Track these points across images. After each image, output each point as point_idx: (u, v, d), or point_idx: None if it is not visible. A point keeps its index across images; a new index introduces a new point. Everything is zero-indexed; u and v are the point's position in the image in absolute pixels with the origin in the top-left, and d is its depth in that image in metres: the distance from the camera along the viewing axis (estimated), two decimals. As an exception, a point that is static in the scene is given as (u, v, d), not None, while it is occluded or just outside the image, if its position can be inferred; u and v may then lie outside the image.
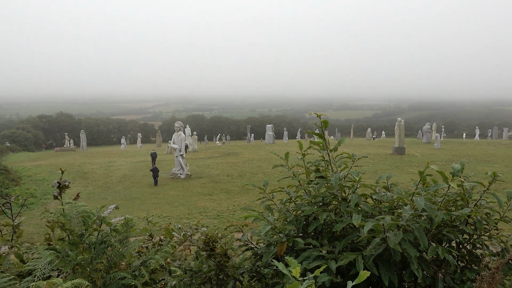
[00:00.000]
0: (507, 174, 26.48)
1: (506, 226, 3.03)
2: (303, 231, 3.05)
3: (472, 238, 2.94)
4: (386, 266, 2.45)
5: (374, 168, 29.47)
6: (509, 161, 31.85)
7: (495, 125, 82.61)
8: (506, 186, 22.70)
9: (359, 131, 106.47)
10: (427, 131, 54.51)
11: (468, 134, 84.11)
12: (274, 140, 60.79)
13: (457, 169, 2.65)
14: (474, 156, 35.77)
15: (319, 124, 2.88)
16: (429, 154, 37.31)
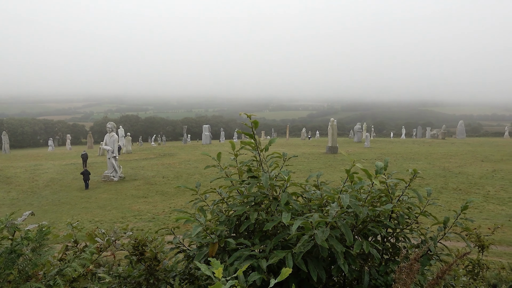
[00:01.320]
0: (429, 170, 28.38)
1: (426, 219, 3.23)
2: (235, 231, 3.05)
3: (395, 231, 3.10)
4: (314, 262, 2.51)
5: (309, 167, 30.31)
6: (431, 159, 34.14)
7: (419, 124, 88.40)
8: (429, 182, 24.34)
9: (294, 131, 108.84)
10: (358, 131, 56.98)
11: (395, 133, 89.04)
12: (211, 141, 60.54)
13: (380, 167, 2.79)
14: (401, 154, 37.93)
15: (250, 124, 2.89)
16: (359, 153, 39.02)
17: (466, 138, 66.73)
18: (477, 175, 26.37)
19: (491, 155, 35.68)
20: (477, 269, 3.43)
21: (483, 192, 21.77)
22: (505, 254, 12.96)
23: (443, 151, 40.10)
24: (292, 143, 58.83)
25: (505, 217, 17.03)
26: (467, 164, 31.06)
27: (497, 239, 14.25)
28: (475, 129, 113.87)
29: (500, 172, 27.23)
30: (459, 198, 20.48)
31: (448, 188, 22.86)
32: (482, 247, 3.64)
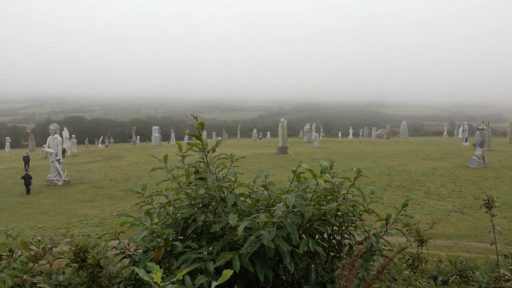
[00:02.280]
0: (375, 169, 29.44)
1: (369, 217, 3.34)
2: (182, 234, 3.01)
3: (340, 229, 3.18)
4: (262, 262, 2.53)
5: (260, 168, 30.51)
6: (377, 158, 35.43)
7: (366, 125, 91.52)
8: (375, 180, 25.23)
9: (245, 131, 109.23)
10: (307, 131, 58.11)
11: (343, 133, 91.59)
12: (161, 142, 59.48)
13: (325, 166, 2.85)
14: (348, 153, 39.09)
15: (196, 125, 2.86)
16: (309, 153, 39.79)
17: (408, 137, 69.92)
18: (419, 172, 27.68)
19: (431, 153, 37.59)
20: (417, 262, 3.60)
21: (424, 189, 22.87)
22: (445, 247, 13.69)
23: (387, 150, 41.75)
24: (243, 143, 59.00)
25: (444, 212, 17.98)
26: (410, 162, 32.52)
27: (437, 233, 15.04)
28: (417, 129, 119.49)
29: (440, 169, 28.74)
30: (402, 195, 21.39)
31: (392, 186, 23.81)
32: (421, 241, 3.82)
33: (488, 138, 38.12)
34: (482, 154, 29.48)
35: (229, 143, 60.32)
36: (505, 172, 26.95)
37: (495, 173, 26.74)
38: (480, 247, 13.25)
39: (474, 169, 28.18)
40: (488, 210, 3.16)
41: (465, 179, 25.16)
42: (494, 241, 3.13)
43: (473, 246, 13.52)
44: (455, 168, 29.26)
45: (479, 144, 29.31)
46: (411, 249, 3.97)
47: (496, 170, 27.74)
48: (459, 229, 15.50)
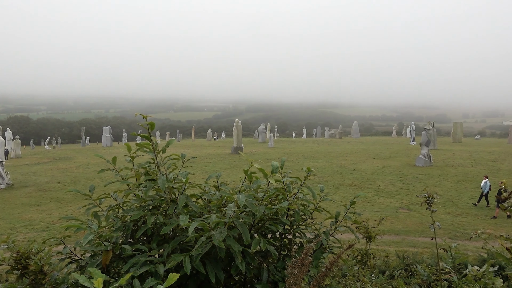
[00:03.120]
0: (328, 168, 30.11)
1: (319, 215, 3.40)
2: (132, 237, 2.93)
3: (292, 228, 3.21)
4: (213, 263, 2.51)
5: (214, 168, 30.38)
6: (329, 157, 36.24)
7: (319, 125, 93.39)
8: (328, 179, 25.78)
9: (200, 132, 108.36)
10: (262, 131, 58.50)
11: (297, 133, 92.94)
12: (112, 143, 57.84)
13: (276, 166, 2.87)
14: (302, 153, 39.72)
15: (146, 126, 2.80)
16: (264, 153, 40.05)
17: (360, 137, 72.05)
18: (370, 171, 28.59)
19: (381, 152, 38.92)
20: (365, 258, 3.71)
21: (374, 187, 23.65)
22: (393, 242, 14.22)
23: (340, 149, 42.81)
24: (198, 144, 58.52)
25: (393, 209, 18.67)
26: (361, 161, 33.51)
27: (386, 229, 15.60)
28: (367, 129, 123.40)
29: (389, 168, 29.83)
30: (354, 193, 21.98)
31: (344, 184, 24.44)
32: (369, 238, 3.94)
33: (434, 138, 39.98)
34: (428, 153, 30.88)
35: (183, 144, 59.64)
36: (449, 170, 28.39)
37: (439, 171, 28.09)
38: (426, 242, 13.87)
39: (421, 167, 29.47)
40: (428, 206, 3.31)
41: (412, 177, 26.25)
42: (434, 236, 3.28)
43: (420, 241, 14.14)
44: (403, 166, 30.46)
45: (425, 144, 30.68)
46: (360, 245, 4.08)
47: (440, 168, 29.15)
48: (406, 225, 16.15)
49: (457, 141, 53.46)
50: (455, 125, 56.46)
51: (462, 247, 12.07)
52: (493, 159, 33.70)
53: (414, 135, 53.63)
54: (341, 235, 3.54)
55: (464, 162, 32.25)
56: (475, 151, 39.65)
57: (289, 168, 3.28)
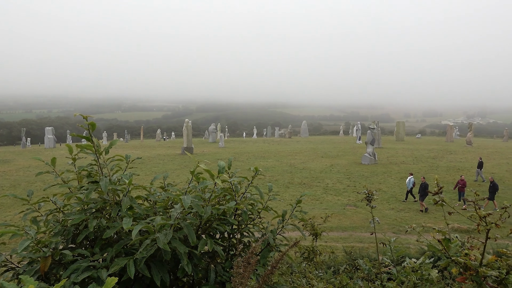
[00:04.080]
0: (278, 167, 30.47)
1: (268, 214, 3.43)
2: (73, 242, 2.82)
3: (240, 228, 3.22)
4: (159, 266, 2.47)
5: (164, 169, 29.88)
6: (279, 156, 36.68)
7: (269, 125, 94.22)
8: (278, 178, 26.07)
9: (149, 132, 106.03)
10: (212, 131, 58.24)
11: (248, 133, 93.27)
12: (56, 144, 55.35)
13: (222, 166, 2.87)
14: (253, 152, 39.93)
15: (86, 126, 2.70)
16: (214, 153, 39.88)
17: (309, 136, 73.53)
18: (318, 169, 29.24)
19: (329, 151, 39.91)
20: (312, 255, 3.79)
21: (323, 185, 24.21)
22: (341, 238, 14.63)
23: (289, 149, 43.46)
24: (147, 145, 57.28)
25: (341, 206, 19.20)
26: (310, 160, 34.21)
27: (334, 226, 16.02)
28: (316, 128, 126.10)
29: (337, 166, 30.66)
30: (303, 191, 22.34)
31: (294, 183, 24.84)
32: (316, 235, 4.03)
33: (378, 137, 41.56)
34: (373, 151, 32.05)
35: (131, 144, 58.16)
36: (393, 168, 29.61)
37: (384, 168, 29.24)
38: (372, 237, 14.38)
39: (366, 165, 30.53)
40: (368, 203, 3.44)
41: (359, 174, 27.14)
42: (374, 231, 3.41)
43: (366, 237, 14.65)
44: (350, 164, 31.43)
45: (370, 142, 31.81)
46: (308, 242, 4.17)
47: (384, 166, 30.35)
48: (353, 221, 16.67)
49: (400, 140, 55.87)
50: (398, 125, 58.99)
51: (406, 241, 12.63)
52: (433, 156, 35.53)
53: (360, 134, 55.48)
54: (289, 233, 3.59)
55: (406, 159, 33.78)
56: (416, 149, 41.63)
57: (240, 168, 3.29)
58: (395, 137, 58.36)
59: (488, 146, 48.16)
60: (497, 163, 31.95)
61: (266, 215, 3.46)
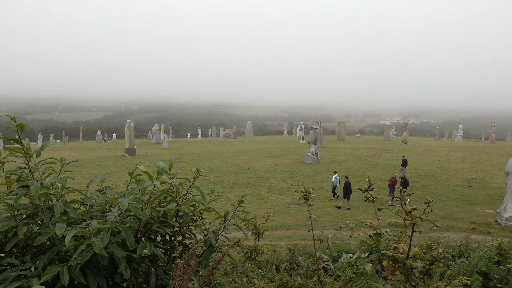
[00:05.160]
0: (223, 167, 30.43)
1: (210, 215, 3.42)
2: (1, 250, 2.66)
3: (182, 229, 3.19)
4: (95, 272, 2.38)
5: (105, 171, 28.91)
6: (224, 157, 36.65)
7: (214, 125, 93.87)
8: (223, 179, 26.03)
9: (89, 133, 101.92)
10: (156, 132, 57.08)
11: (192, 133, 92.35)
12: (-15, 147, 51.83)
13: (162, 167, 2.83)
14: (197, 153, 39.59)
15: (15, 127, 2.56)
16: (158, 154, 39.11)
17: (253, 136, 74.09)
18: (263, 169, 29.55)
19: (273, 151, 40.45)
20: (254, 254, 3.82)
21: (267, 184, 24.50)
22: (285, 237, 14.87)
23: (234, 149, 43.55)
24: (86, 146, 55.07)
25: (285, 205, 19.52)
26: (255, 160, 34.49)
27: (278, 225, 16.26)
28: (261, 129, 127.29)
29: (281, 166, 31.14)
30: (248, 191, 22.52)
31: (239, 183, 24.92)
32: (258, 234, 4.07)
33: (320, 136, 42.69)
34: (316, 150, 32.88)
35: (69, 146, 55.66)
36: (334, 166, 30.54)
37: (326, 167, 30.08)
38: (315, 235, 14.73)
39: (309, 164, 31.27)
40: (305, 201, 3.53)
41: (302, 173, 27.73)
42: (311, 228, 3.51)
43: (309, 234, 14.98)
44: (294, 164, 32.04)
45: (312, 142, 32.61)
46: (251, 242, 4.21)
47: (327, 165, 31.24)
48: (297, 220, 17.01)
49: (341, 139, 57.76)
50: (339, 124, 60.97)
51: (347, 237, 13.07)
52: (372, 154, 37.07)
53: (303, 134, 56.72)
54: (232, 233, 3.60)
55: (347, 158, 34.99)
56: (356, 148, 43.25)
57: (184, 169, 3.26)
58: (337, 136, 60.27)
59: (422, 144, 51.02)
60: (430, 160, 33.90)
61: (208, 216, 3.45)
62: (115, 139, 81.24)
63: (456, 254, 5.60)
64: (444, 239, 8.69)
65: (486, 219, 17.00)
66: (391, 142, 56.25)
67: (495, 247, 5.26)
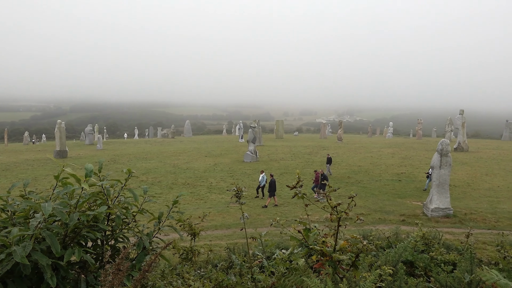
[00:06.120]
0: (161, 168, 29.86)
1: (144, 217, 3.34)
2: None
3: (114, 233, 3.08)
4: (18, 282, 2.25)
5: (34, 175, 27.33)
6: (162, 157, 35.96)
7: (151, 125, 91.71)
8: (161, 179, 25.52)
9: (15, 135, 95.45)
10: (89, 133, 54.76)
11: (130, 134, 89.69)
12: None
13: (90, 169, 2.72)
14: (134, 154, 38.49)
15: None
16: (92, 156, 37.57)
17: (192, 136, 73.34)
18: (202, 169, 29.34)
19: (212, 150, 40.29)
20: (190, 255, 3.79)
21: (207, 184, 24.37)
22: (225, 236, 14.89)
23: (173, 149, 42.85)
24: (12, 149, 51.61)
25: (225, 204, 19.54)
26: (194, 160, 34.16)
27: (218, 224, 16.25)
28: (199, 128, 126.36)
29: (220, 165, 31.10)
30: (187, 192, 22.27)
31: (178, 184, 24.57)
32: (194, 234, 4.04)
33: (259, 135, 43.16)
34: (255, 149, 33.19)
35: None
36: (273, 164, 31.02)
37: (265, 165, 30.46)
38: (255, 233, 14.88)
39: (249, 163, 31.51)
40: (238, 199, 3.56)
41: (241, 172, 27.89)
42: (244, 227, 3.55)
43: (248, 232, 15.09)
44: (233, 163, 32.13)
45: (251, 141, 32.89)
46: (188, 243, 4.16)
47: (266, 163, 31.64)
48: (237, 219, 17.06)
49: (279, 138, 58.79)
50: (277, 123, 62.01)
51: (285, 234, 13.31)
52: (309, 152, 38.08)
53: (242, 133, 57.03)
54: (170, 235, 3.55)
55: (285, 156, 35.67)
56: (294, 146, 44.22)
57: (120, 170, 3.15)
58: (275, 135, 61.24)
59: (356, 141, 53.23)
60: (363, 156, 35.45)
61: (142, 218, 3.37)
62: (45, 140, 76.92)
63: (385, 245, 5.91)
64: (376, 231, 9.15)
65: (414, 211, 18.07)
66: (327, 139, 58.17)
67: (420, 237, 5.62)
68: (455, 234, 13.72)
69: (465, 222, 15.93)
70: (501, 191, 22.27)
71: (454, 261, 5.12)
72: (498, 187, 23.31)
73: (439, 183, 16.94)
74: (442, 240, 7.95)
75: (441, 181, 16.92)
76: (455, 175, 25.33)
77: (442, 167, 16.88)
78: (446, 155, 16.87)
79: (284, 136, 61.96)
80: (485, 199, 20.49)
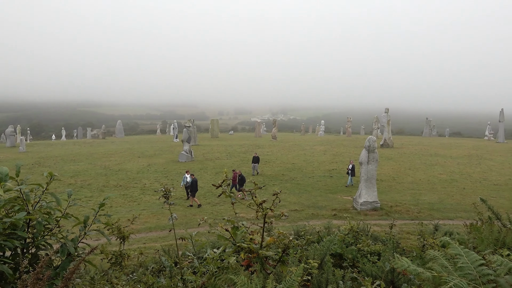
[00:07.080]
0: (91, 170, 28.61)
1: (68, 221, 3.18)
2: None
3: (36, 240, 2.91)
4: None
5: None
6: (92, 159, 34.48)
7: (80, 125, 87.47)
8: (91, 182, 24.46)
9: None
10: (11, 134, 51.22)
11: (57, 135, 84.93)
12: None
13: (5, 173, 2.55)
14: (61, 156, 36.55)
15: None
16: (13, 159, 35.13)
17: (125, 136, 71.02)
18: (135, 170, 28.52)
19: (146, 151, 39.29)
20: (120, 259, 3.68)
21: (140, 185, 23.74)
22: (160, 238, 14.61)
23: (103, 150, 41.22)
24: None
25: (159, 205, 19.14)
26: (126, 161, 33.10)
27: (152, 226, 15.91)
28: (132, 128, 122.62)
29: (154, 165, 30.42)
30: (120, 194, 21.56)
31: (109, 186, 23.70)
32: (123, 238, 3.93)
33: (194, 134, 42.76)
34: (190, 149, 32.85)
35: None
36: (208, 163, 30.89)
37: (200, 165, 30.26)
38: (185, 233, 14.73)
39: (184, 163, 31.11)
40: (166, 200, 3.53)
41: (176, 172, 27.48)
42: (173, 228, 3.52)
43: (180, 233, 14.93)
44: (168, 163, 31.57)
45: (186, 140, 32.51)
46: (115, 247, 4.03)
47: (201, 162, 31.44)
48: (172, 219, 16.77)
49: (215, 137, 58.64)
50: (212, 122, 61.82)
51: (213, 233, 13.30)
52: (244, 151, 38.36)
53: (176, 132, 56.16)
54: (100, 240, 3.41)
55: (221, 155, 35.67)
56: (230, 145, 44.32)
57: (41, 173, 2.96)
58: (210, 134, 60.98)
59: (290, 139, 54.44)
60: (297, 154, 36.36)
61: (67, 223, 3.21)
62: (-42, 144, 70.72)
63: (315, 240, 6.12)
64: (309, 226, 9.44)
65: (345, 205, 18.85)
66: (262, 138, 58.94)
67: (348, 230, 5.88)
68: (382, 225, 14.50)
69: (391, 214, 16.90)
70: (422, 184, 23.92)
71: (379, 251, 5.43)
72: (420, 180, 25.00)
73: (367, 178, 17.82)
74: (370, 232, 8.38)
75: (369, 176, 17.81)
76: (382, 170, 26.75)
77: (370, 163, 17.77)
78: (373, 151, 17.78)
79: (219, 135, 61.88)
80: (409, 191, 21.89)
